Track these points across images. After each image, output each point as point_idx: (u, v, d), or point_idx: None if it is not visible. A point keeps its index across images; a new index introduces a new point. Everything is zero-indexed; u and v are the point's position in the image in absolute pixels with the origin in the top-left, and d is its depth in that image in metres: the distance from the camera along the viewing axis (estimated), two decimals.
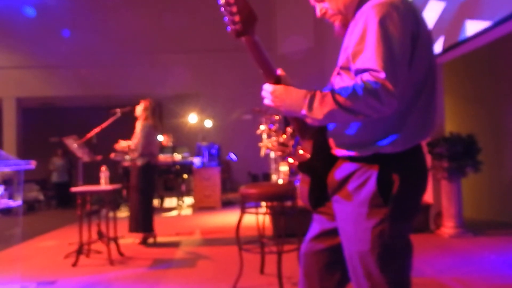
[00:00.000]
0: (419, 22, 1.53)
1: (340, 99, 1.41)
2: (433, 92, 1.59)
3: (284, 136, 5.48)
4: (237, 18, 1.47)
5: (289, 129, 5.35)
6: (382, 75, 1.38)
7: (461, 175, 5.40)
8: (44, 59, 12.33)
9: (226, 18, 1.49)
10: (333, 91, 1.44)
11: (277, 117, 5.90)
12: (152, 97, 5.98)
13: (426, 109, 1.56)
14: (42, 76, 12.54)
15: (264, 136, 6.18)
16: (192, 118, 11.73)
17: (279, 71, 1.63)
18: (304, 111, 1.49)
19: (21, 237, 5.88)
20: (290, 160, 1.71)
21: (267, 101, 1.60)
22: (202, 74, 12.52)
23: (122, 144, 5.64)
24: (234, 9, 1.46)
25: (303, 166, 1.71)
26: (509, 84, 6.45)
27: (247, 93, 11.58)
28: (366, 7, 1.52)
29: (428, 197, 5.78)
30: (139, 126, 5.64)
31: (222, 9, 1.47)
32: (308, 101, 1.47)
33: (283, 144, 5.43)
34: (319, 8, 1.75)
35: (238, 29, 1.49)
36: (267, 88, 1.59)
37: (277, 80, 1.59)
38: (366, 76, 1.40)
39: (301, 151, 1.71)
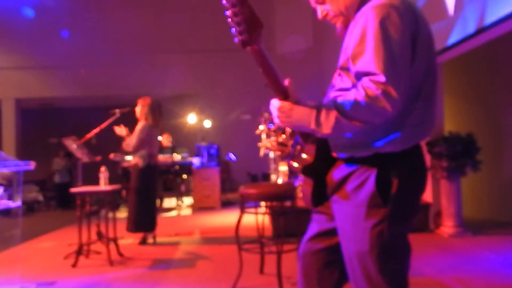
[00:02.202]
0: (419, 22, 1.52)
1: (344, 111, 1.42)
2: (433, 91, 1.58)
3: (283, 136, 5.48)
4: (243, 28, 1.45)
5: (288, 129, 5.35)
6: (382, 78, 1.38)
7: (460, 174, 5.40)
8: (43, 59, 12.34)
9: (233, 29, 1.47)
10: (336, 104, 1.45)
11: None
12: (151, 96, 5.95)
13: (425, 108, 1.55)
14: (41, 77, 12.55)
15: (263, 136, 6.18)
16: (191, 118, 11.72)
17: (286, 82, 1.60)
18: (312, 127, 1.49)
19: (20, 238, 5.87)
20: (295, 164, 1.66)
21: (274, 115, 1.59)
22: (201, 74, 12.53)
23: (123, 130, 5.56)
24: (241, 19, 1.43)
25: (306, 170, 1.71)
26: (508, 83, 6.46)
27: (246, 93, 11.61)
28: (365, 8, 1.52)
29: (427, 196, 5.79)
30: (139, 125, 5.62)
31: (229, 20, 1.46)
32: (315, 117, 1.48)
33: (282, 144, 5.43)
34: (320, 10, 1.74)
35: (244, 39, 1.47)
36: (275, 104, 1.59)
37: (283, 90, 1.57)
38: (366, 83, 1.40)
39: (304, 155, 1.71)
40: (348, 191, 1.58)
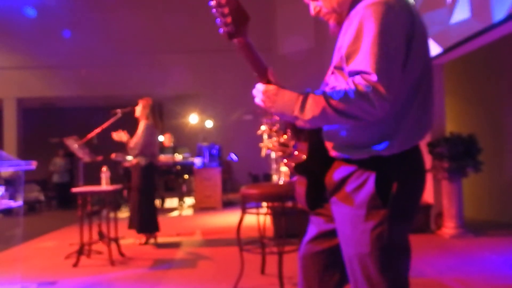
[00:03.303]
0: (415, 20, 1.50)
1: (332, 101, 1.40)
2: (429, 91, 1.57)
3: (285, 136, 5.48)
4: (229, 19, 1.44)
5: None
6: (374, 77, 1.37)
7: (461, 175, 5.40)
8: (44, 59, 12.35)
9: (218, 20, 1.47)
10: (325, 94, 1.43)
11: (277, 117, 5.89)
12: (150, 97, 5.96)
13: (422, 109, 1.54)
14: (43, 77, 12.56)
15: (265, 136, 6.17)
16: (193, 119, 11.74)
17: (271, 72, 1.58)
18: (295, 113, 1.47)
19: (21, 238, 5.88)
20: (288, 162, 1.68)
21: (258, 100, 1.58)
22: (202, 74, 12.52)
23: (121, 134, 5.55)
24: (226, 10, 1.43)
25: (299, 168, 1.69)
26: (509, 84, 6.45)
27: (248, 93, 11.43)
28: (360, 6, 1.50)
29: (428, 197, 5.78)
30: (141, 125, 5.63)
31: (214, 11, 1.45)
32: (300, 103, 1.46)
33: (284, 145, 5.43)
34: (313, 7, 1.73)
35: (230, 30, 1.47)
36: (259, 88, 1.57)
37: (269, 83, 1.56)
38: (357, 79, 1.39)
39: (296, 152, 1.70)
40: (348, 192, 1.57)
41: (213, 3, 1.43)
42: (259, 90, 1.57)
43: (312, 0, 1.72)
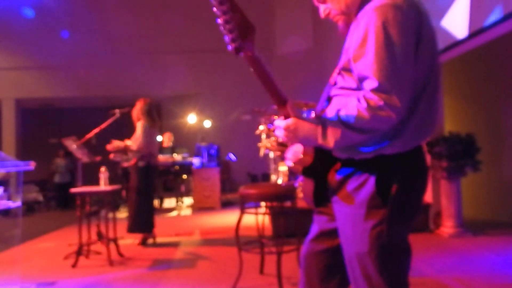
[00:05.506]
0: (423, 20, 1.50)
1: (349, 124, 1.42)
2: (436, 91, 1.56)
3: None
4: (235, 34, 1.43)
5: None
6: (383, 86, 1.37)
7: (460, 174, 5.40)
8: (43, 60, 12.34)
9: (226, 37, 1.46)
10: (340, 120, 1.44)
11: (276, 118, 5.89)
12: (148, 97, 5.96)
13: (427, 109, 1.53)
14: (41, 77, 12.56)
15: (263, 136, 6.17)
16: (191, 119, 11.74)
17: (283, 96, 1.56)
18: (319, 142, 1.49)
19: (20, 238, 5.88)
20: (294, 165, 1.69)
21: (280, 134, 1.58)
22: (201, 75, 12.53)
23: (116, 143, 5.58)
24: (232, 26, 1.42)
25: (306, 171, 1.70)
26: (508, 84, 6.46)
27: (246, 93, 11.60)
28: (368, 8, 1.49)
29: (427, 196, 5.78)
30: (139, 126, 5.63)
31: (221, 28, 1.44)
32: (321, 133, 1.47)
33: (282, 144, 5.42)
34: (322, 9, 1.73)
35: (237, 46, 1.45)
36: (280, 124, 1.58)
37: (279, 95, 1.55)
38: (368, 94, 1.40)
39: (301, 156, 1.71)
40: (348, 191, 1.58)
41: (219, 20, 1.42)
42: (279, 127, 1.58)
43: (321, 2, 1.72)
